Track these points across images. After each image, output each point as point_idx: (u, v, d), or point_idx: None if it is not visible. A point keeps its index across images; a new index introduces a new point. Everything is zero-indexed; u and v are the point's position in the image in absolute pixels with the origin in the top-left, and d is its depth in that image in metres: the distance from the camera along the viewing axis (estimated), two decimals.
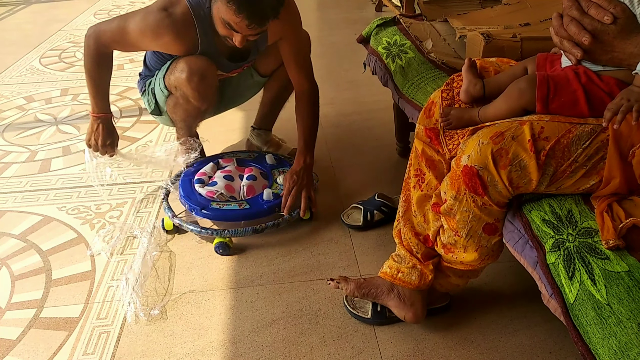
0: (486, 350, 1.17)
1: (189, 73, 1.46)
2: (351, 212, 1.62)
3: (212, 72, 1.52)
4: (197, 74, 1.47)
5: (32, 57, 3.23)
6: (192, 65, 1.47)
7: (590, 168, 0.90)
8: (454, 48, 1.59)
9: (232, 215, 1.50)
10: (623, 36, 0.86)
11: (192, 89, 1.49)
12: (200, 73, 1.47)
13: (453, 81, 1.15)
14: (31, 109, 2.48)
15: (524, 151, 0.89)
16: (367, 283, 1.21)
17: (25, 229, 1.61)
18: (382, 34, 1.73)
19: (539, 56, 1.06)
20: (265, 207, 1.53)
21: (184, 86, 1.49)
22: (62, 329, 1.25)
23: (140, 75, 1.74)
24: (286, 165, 1.71)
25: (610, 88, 0.90)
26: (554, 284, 0.83)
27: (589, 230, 0.85)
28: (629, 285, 0.74)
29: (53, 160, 2.02)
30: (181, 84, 1.49)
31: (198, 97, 1.52)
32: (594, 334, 0.74)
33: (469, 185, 0.94)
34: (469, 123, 1.05)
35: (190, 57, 1.48)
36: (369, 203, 1.61)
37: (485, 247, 1.04)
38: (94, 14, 4.22)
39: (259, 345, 1.20)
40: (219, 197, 1.55)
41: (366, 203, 1.61)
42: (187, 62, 1.47)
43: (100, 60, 1.53)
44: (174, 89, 1.55)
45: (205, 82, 1.49)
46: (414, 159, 1.15)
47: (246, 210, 1.51)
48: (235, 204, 1.52)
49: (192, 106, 1.57)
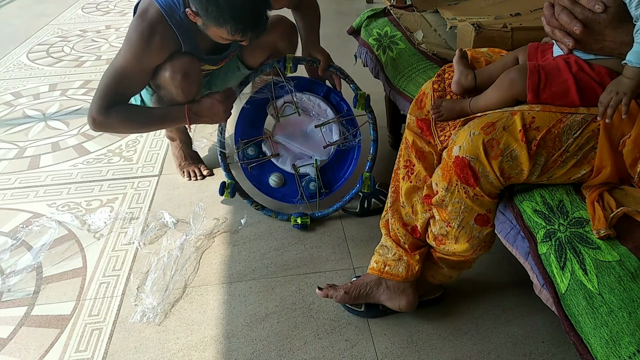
0: (479, 341, 1.18)
1: (172, 71, 1.45)
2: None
3: (195, 68, 1.50)
4: (180, 72, 1.45)
5: (19, 52, 3.18)
6: (175, 64, 1.45)
7: (581, 158, 0.90)
8: (445, 39, 1.58)
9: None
10: (614, 25, 0.86)
11: (176, 87, 1.47)
12: (183, 71, 1.45)
13: (444, 72, 1.14)
14: (19, 105, 2.45)
15: (515, 141, 0.89)
16: (354, 286, 1.21)
17: (15, 226, 1.60)
18: (372, 25, 1.72)
19: (530, 46, 1.06)
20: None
21: (168, 84, 1.47)
22: (54, 327, 1.24)
23: None
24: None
25: (601, 77, 0.90)
26: (545, 274, 0.83)
27: (580, 220, 0.85)
28: (620, 274, 0.74)
29: (42, 156, 1.99)
30: (165, 82, 1.47)
31: (182, 95, 1.50)
32: (586, 324, 0.74)
33: (460, 176, 0.94)
34: (461, 114, 1.05)
35: (172, 55, 1.46)
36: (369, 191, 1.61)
37: (477, 238, 1.04)
38: (82, 8, 4.16)
39: (253, 339, 1.20)
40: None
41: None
42: (170, 61, 1.45)
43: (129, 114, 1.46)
44: (157, 87, 1.53)
45: (188, 79, 1.47)
46: (404, 150, 1.15)
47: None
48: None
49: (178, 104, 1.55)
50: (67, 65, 2.94)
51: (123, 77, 1.42)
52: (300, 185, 1.53)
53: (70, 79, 2.74)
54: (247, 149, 1.57)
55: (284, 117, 1.60)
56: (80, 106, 2.41)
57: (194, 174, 1.81)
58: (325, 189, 1.55)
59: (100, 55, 3.06)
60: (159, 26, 1.38)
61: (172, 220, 1.57)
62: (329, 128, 1.60)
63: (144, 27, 1.37)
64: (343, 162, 1.58)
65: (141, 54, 1.39)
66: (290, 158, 1.57)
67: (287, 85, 1.57)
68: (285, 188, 1.58)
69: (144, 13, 1.39)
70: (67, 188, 1.78)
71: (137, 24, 1.38)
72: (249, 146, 1.57)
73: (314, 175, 1.55)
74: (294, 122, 1.61)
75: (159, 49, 1.41)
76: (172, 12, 1.39)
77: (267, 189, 1.57)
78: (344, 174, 1.57)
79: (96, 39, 3.37)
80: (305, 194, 1.55)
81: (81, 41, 3.33)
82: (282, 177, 1.57)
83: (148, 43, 1.38)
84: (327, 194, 1.55)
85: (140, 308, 1.27)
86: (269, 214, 1.52)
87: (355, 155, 1.58)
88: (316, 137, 1.59)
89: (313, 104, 1.61)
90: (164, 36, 1.40)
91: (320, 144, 1.59)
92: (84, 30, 3.56)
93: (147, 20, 1.38)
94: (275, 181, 1.56)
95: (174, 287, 1.35)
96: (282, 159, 1.57)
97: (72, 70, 2.87)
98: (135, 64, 1.41)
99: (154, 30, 1.38)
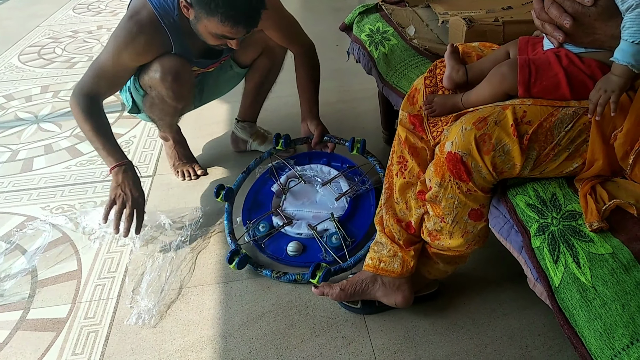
0: (476, 335, 1.18)
1: (162, 73, 1.44)
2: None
3: (186, 70, 1.49)
4: (171, 73, 1.45)
5: (10, 54, 3.16)
6: (165, 65, 1.44)
7: (573, 151, 0.90)
8: (437, 34, 1.58)
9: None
10: (604, 18, 0.85)
11: (167, 88, 1.47)
12: (174, 72, 1.45)
13: (436, 67, 1.14)
14: (11, 108, 2.44)
15: (507, 136, 0.89)
16: (350, 283, 1.21)
17: (8, 229, 1.59)
18: (364, 21, 1.71)
19: (520, 39, 1.05)
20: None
21: (158, 86, 1.47)
22: (50, 330, 1.24)
23: None
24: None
25: (591, 70, 0.90)
26: (539, 268, 0.83)
27: (573, 213, 0.85)
28: (613, 267, 0.74)
29: (35, 159, 1.98)
30: (155, 83, 1.47)
31: (173, 97, 1.50)
32: (580, 317, 0.75)
33: (453, 171, 0.94)
34: (453, 109, 1.04)
35: (162, 56, 1.45)
36: None
37: (471, 232, 1.04)
38: (73, 9, 4.14)
39: (250, 338, 1.20)
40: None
41: None
42: (160, 62, 1.44)
43: (93, 111, 1.44)
44: (148, 88, 1.52)
45: (179, 81, 1.47)
46: (397, 146, 1.14)
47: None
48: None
49: (168, 105, 1.55)
50: (59, 66, 2.92)
51: (102, 73, 1.43)
52: (320, 241, 1.41)
53: (62, 81, 2.72)
54: (258, 227, 1.47)
55: (290, 189, 1.58)
56: None
57: (188, 174, 1.81)
58: (350, 239, 1.42)
59: (92, 56, 3.04)
60: (148, 28, 1.38)
61: (167, 221, 1.57)
62: (336, 184, 1.58)
63: (131, 26, 1.37)
64: (362, 210, 1.50)
65: (123, 53, 1.39)
66: (305, 222, 1.47)
67: (286, 164, 1.60)
68: (306, 254, 1.43)
69: (136, 14, 1.38)
70: (61, 190, 1.77)
71: (126, 24, 1.38)
72: (259, 223, 1.47)
73: (335, 229, 1.44)
74: (301, 192, 1.59)
75: (142, 50, 1.41)
76: (166, 14, 1.39)
77: (287, 260, 1.41)
78: (366, 221, 1.47)
79: (88, 39, 3.35)
80: (329, 249, 1.40)
81: (73, 42, 3.31)
82: (300, 244, 1.42)
83: (132, 43, 1.38)
84: (354, 242, 1.42)
85: (135, 310, 1.27)
86: (294, 278, 1.33)
87: (372, 201, 1.52)
88: (327, 197, 1.56)
89: (316, 171, 1.63)
90: (152, 38, 1.39)
91: (332, 202, 1.54)
92: (75, 31, 3.54)
93: (137, 20, 1.37)
94: (294, 252, 1.41)
95: (169, 288, 1.34)
96: (296, 224, 1.47)
97: (64, 71, 2.85)
98: (115, 63, 1.41)
99: (142, 31, 1.37)
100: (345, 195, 1.54)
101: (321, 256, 1.40)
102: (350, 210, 1.50)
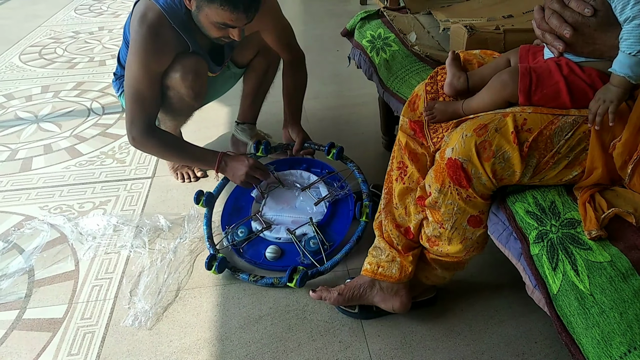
0: (472, 342, 1.18)
1: (183, 72, 1.45)
2: None
3: (204, 68, 1.52)
4: (192, 72, 1.46)
5: (11, 53, 3.16)
6: (185, 64, 1.45)
7: (572, 159, 0.90)
8: (438, 41, 1.59)
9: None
10: (604, 28, 0.86)
11: (187, 87, 1.48)
12: (195, 70, 1.46)
13: (437, 74, 1.14)
14: (11, 107, 2.44)
15: (507, 143, 0.90)
16: (348, 287, 1.21)
17: (6, 229, 1.58)
18: (366, 27, 1.72)
19: (521, 48, 1.06)
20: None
21: (179, 85, 1.47)
22: (46, 330, 1.24)
23: (115, 75, 1.70)
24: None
25: (592, 79, 0.90)
26: (537, 275, 0.84)
27: (572, 221, 0.85)
28: (611, 275, 0.75)
29: (34, 158, 1.98)
30: (175, 83, 1.47)
31: (193, 95, 1.51)
32: (578, 324, 0.75)
33: (453, 177, 0.95)
34: (453, 116, 1.05)
35: (180, 56, 1.45)
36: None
37: (470, 239, 1.04)
38: (75, 9, 4.15)
39: (247, 341, 1.20)
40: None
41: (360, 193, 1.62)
42: (180, 61, 1.45)
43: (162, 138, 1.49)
44: (166, 88, 1.52)
45: (199, 79, 1.49)
46: (397, 152, 1.15)
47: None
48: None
49: (185, 104, 1.56)
50: (60, 67, 2.93)
51: (144, 93, 1.43)
52: (299, 245, 1.41)
53: (62, 81, 2.72)
54: (237, 232, 1.47)
55: (270, 192, 1.59)
56: (73, 108, 2.40)
57: (188, 176, 1.81)
58: (329, 243, 1.43)
59: (93, 57, 3.04)
60: (161, 29, 1.37)
61: (166, 223, 1.57)
62: (315, 190, 1.59)
63: (146, 32, 1.36)
64: (340, 215, 1.51)
65: (152, 63, 1.39)
66: (284, 227, 1.47)
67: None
68: (284, 258, 1.43)
69: (144, 17, 1.37)
70: (60, 190, 1.77)
71: (139, 30, 1.36)
72: (237, 228, 1.48)
73: (313, 233, 1.44)
74: (280, 198, 1.59)
75: (164, 53, 1.41)
76: (174, 13, 1.38)
77: (265, 264, 1.42)
78: (344, 226, 1.47)
79: (89, 40, 3.35)
80: (307, 252, 1.40)
81: (74, 43, 3.32)
82: (278, 249, 1.43)
83: (156, 50, 1.38)
84: (332, 246, 1.42)
85: (132, 312, 1.27)
86: (271, 281, 1.33)
87: (351, 206, 1.52)
88: (306, 202, 1.57)
89: (295, 176, 1.64)
90: (168, 39, 1.39)
91: (311, 207, 1.55)
92: (76, 32, 3.55)
93: (148, 24, 1.36)
94: (272, 255, 1.42)
95: (167, 290, 1.34)
96: (275, 229, 1.47)
97: (65, 72, 2.85)
98: (150, 75, 1.41)
99: (157, 34, 1.37)
100: (325, 200, 1.54)
101: (299, 260, 1.40)
102: (329, 214, 1.51)
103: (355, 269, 1.39)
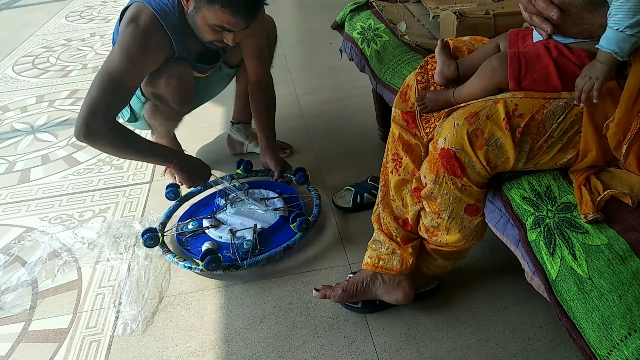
0: (477, 329, 1.18)
1: (167, 77, 1.44)
2: (343, 195, 1.64)
3: (189, 74, 1.50)
4: (176, 77, 1.45)
5: (4, 65, 3.16)
6: (170, 69, 1.45)
7: (566, 142, 0.89)
8: (428, 29, 1.58)
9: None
10: (590, 8, 0.85)
11: (172, 92, 1.47)
12: (179, 76, 1.45)
13: (427, 63, 1.13)
14: (7, 119, 2.44)
15: (499, 130, 0.89)
16: (350, 283, 1.21)
17: (8, 242, 1.59)
18: (356, 19, 1.71)
19: (510, 32, 1.05)
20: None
21: (164, 90, 1.46)
22: (52, 341, 1.24)
23: None
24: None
25: (581, 60, 0.89)
26: (536, 261, 0.83)
27: (568, 205, 0.84)
28: (609, 258, 0.74)
29: (32, 169, 1.98)
30: (161, 88, 1.47)
31: (179, 100, 1.50)
32: (577, 309, 0.74)
33: (447, 167, 0.94)
34: (445, 105, 1.04)
35: (166, 61, 1.44)
36: (361, 186, 1.62)
37: (468, 227, 1.03)
38: (66, 17, 4.13)
39: (252, 341, 1.20)
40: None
41: (358, 185, 1.63)
42: (164, 67, 1.44)
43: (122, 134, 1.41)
44: (152, 95, 1.51)
45: (184, 84, 1.47)
46: (391, 144, 1.14)
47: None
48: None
49: (172, 110, 1.55)
50: (54, 75, 2.92)
51: (120, 85, 1.37)
52: (233, 244, 1.43)
53: (57, 90, 2.72)
54: (188, 225, 1.53)
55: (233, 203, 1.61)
56: (69, 116, 2.40)
57: None
58: (260, 248, 1.44)
59: (86, 63, 3.04)
60: (153, 31, 1.36)
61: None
62: (272, 202, 1.60)
63: (139, 32, 1.34)
64: (286, 229, 1.50)
65: (138, 60, 1.36)
66: (229, 228, 1.49)
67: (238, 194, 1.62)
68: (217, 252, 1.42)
69: (136, 18, 1.35)
70: (59, 200, 1.77)
71: (131, 30, 1.34)
72: (190, 222, 1.54)
73: (251, 238, 1.45)
74: (241, 207, 1.60)
75: (155, 55, 1.40)
76: (167, 17, 1.37)
77: (196, 255, 1.43)
78: (283, 241, 1.45)
79: (81, 47, 3.35)
80: (238, 251, 1.42)
81: (66, 50, 3.31)
82: (214, 245, 1.45)
83: (145, 49, 1.36)
84: (262, 251, 1.42)
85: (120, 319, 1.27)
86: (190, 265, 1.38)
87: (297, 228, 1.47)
88: (262, 213, 1.57)
89: (263, 194, 1.66)
90: (159, 41, 1.38)
91: (263, 216, 1.56)
92: (68, 40, 3.54)
93: (142, 25, 1.35)
94: (208, 247, 1.42)
95: (168, 295, 1.34)
96: (221, 228, 1.50)
97: (59, 80, 2.85)
98: (132, 71, 1.37)
99: (149, 36, 1.36)
100: (277, 212, 1.55)
101: (226, 254, 1.42)
102: (276, 226, 1.51)
103: (358, 263, 1.39)
